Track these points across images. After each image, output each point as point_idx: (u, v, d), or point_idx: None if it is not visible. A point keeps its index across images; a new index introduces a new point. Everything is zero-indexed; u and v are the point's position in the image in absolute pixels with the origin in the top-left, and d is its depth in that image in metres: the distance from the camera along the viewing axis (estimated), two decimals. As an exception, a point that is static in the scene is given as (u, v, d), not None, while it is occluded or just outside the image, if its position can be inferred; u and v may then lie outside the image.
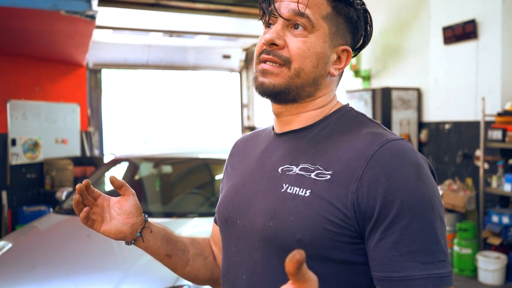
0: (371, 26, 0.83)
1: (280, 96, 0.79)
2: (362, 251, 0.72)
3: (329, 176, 0.73)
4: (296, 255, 0.45)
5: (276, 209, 0.76)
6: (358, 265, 0.72)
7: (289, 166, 0.79)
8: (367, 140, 0.73)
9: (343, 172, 0.72)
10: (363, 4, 0.82)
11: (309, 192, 0.73)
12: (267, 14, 0.79)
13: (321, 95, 0.82)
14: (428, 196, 0.69)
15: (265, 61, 0.79)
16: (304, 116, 0.82)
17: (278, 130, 0.86)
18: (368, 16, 0.83)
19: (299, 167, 0.77)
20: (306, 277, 0.47)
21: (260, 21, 0.83)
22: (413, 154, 0.72)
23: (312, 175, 0.74)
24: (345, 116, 0.82)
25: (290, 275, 0.46)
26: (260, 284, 0.78)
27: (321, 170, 0.74)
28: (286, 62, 0.77)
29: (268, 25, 0.81)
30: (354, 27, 0.81)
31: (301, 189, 0.74)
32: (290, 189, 0.76)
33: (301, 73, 0.77)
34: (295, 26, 0.77)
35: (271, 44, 0.77)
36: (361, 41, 0.84)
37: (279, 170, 0.80)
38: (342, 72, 0.85)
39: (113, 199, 0.88)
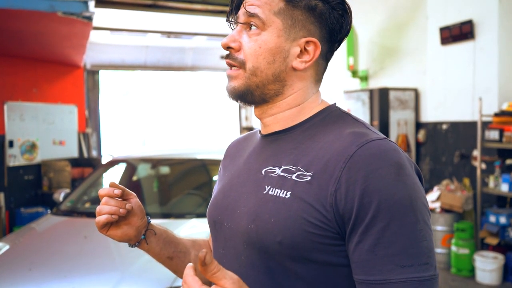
0: (349, 14, 0.80)
1: (245, 97, 0.80)
2: (344, 253, 0.71)
3: (309, 178, 0.72)
4: (199, 254, 0.56)
5: (258, 211, 0.75)
6: (341, 266, 0.71)
7: (272, 167, 0.78)
8: (347, 140, 0.72)
9: (323, 173, 0.71)
10: None
11: (290, 194, 0.73)
12: (230, 23, 0.83)
13: (291, 92, 0.80)
14: (409, 197, 0.67)
15: (230, 66, 0.81)
16: (282, 117, 0.82)
17: (263, 131, 0.86)
18: (346, 5, 0.80)
19: (281, 169, 0.77)
20: (218, 275, 0.58)
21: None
22: (394, 154, 0.70)
23: (293, 177, 0.74)
24: (329, 116, 0.81)
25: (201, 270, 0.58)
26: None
27: (302, 171, 0.73)
28: (241, 64, 0.79)
29: None
30: (319, 17, 0.78)
31: (282, 191, 0.74)
32: (272, 191, 0.75)
33: (256, 71, 0.78)
34: (250, 27, 0.78)
35: (228, 48, 0.80)
36: (339, 30, 0.81)
37: (263, 172, 0.79)
38: (322, 67, 0.83)
39: None
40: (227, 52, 0.81)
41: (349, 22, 0.81)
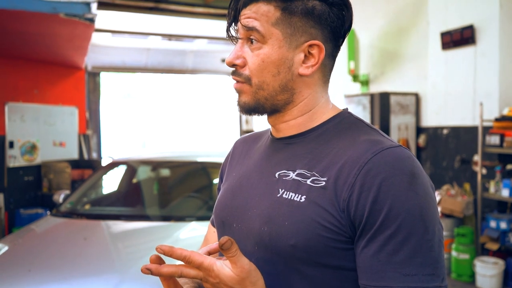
0: (349, 8, 0.79)
1: (257, 110, 0.80)
2: (354, 257, 0.71)
3: (324, 183, 0.72)
4: (222, 240, 0.65)
5: (271, 214, 0.76)
6: (351, 270, 0.72)
7: (286, 171, 0.79)
8: (362, 147, 0.72)
9: (338, 179, 0.71)
10: None
11: (304, 198, 0.73)
12: (231, 38, 0.82)
13: (301, 99, 0.80)
14: (419, 207, 0.67)
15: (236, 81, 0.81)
16: (295, 123, 0.82)
17: (275, 135, 0.86)
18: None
19: (295, 173, 0.77)
20: (235, 258, 0.66)
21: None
22: (409, 162, 0.70)
23: (308, 181, 0.74)
24: (343, 122, 0.81)
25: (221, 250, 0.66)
26: None
27: (317, 176, 0.74)
28: (247, 80, 0.78)
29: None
30: (318, 19, 0.76)
31: (297, 195, 0.74)
32: (286, 194, 0.75)
33: (263, 85, 0.78)
34: (251, 41, 0.78)
35: (233, 65, 0.79)
36: (343, 25, 0.79)
37: (276, 175, 0.80)
38: (329, 66, 0.81)
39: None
40: (233, 68, 0.80)
41: (350, 15, 0.79)
